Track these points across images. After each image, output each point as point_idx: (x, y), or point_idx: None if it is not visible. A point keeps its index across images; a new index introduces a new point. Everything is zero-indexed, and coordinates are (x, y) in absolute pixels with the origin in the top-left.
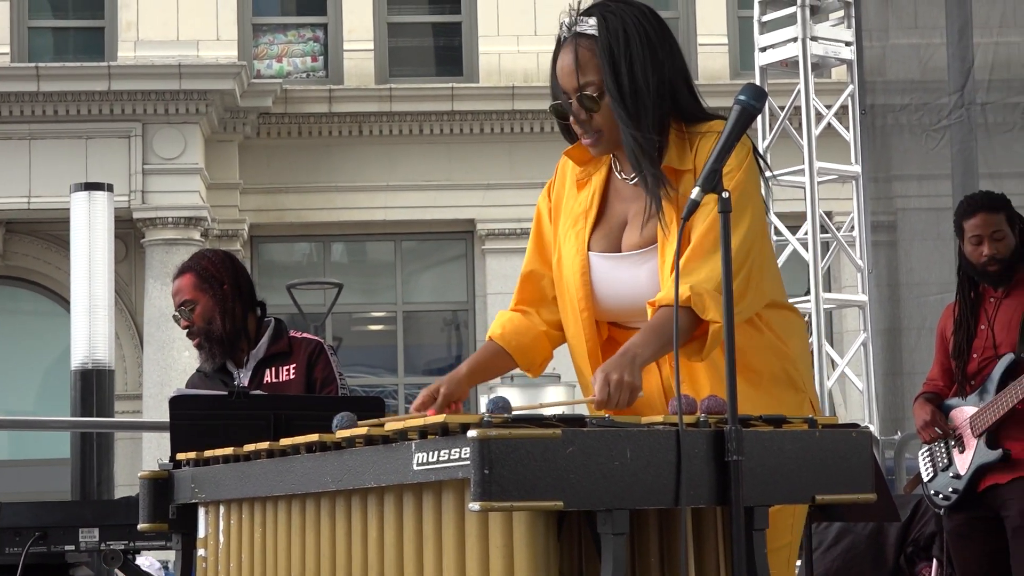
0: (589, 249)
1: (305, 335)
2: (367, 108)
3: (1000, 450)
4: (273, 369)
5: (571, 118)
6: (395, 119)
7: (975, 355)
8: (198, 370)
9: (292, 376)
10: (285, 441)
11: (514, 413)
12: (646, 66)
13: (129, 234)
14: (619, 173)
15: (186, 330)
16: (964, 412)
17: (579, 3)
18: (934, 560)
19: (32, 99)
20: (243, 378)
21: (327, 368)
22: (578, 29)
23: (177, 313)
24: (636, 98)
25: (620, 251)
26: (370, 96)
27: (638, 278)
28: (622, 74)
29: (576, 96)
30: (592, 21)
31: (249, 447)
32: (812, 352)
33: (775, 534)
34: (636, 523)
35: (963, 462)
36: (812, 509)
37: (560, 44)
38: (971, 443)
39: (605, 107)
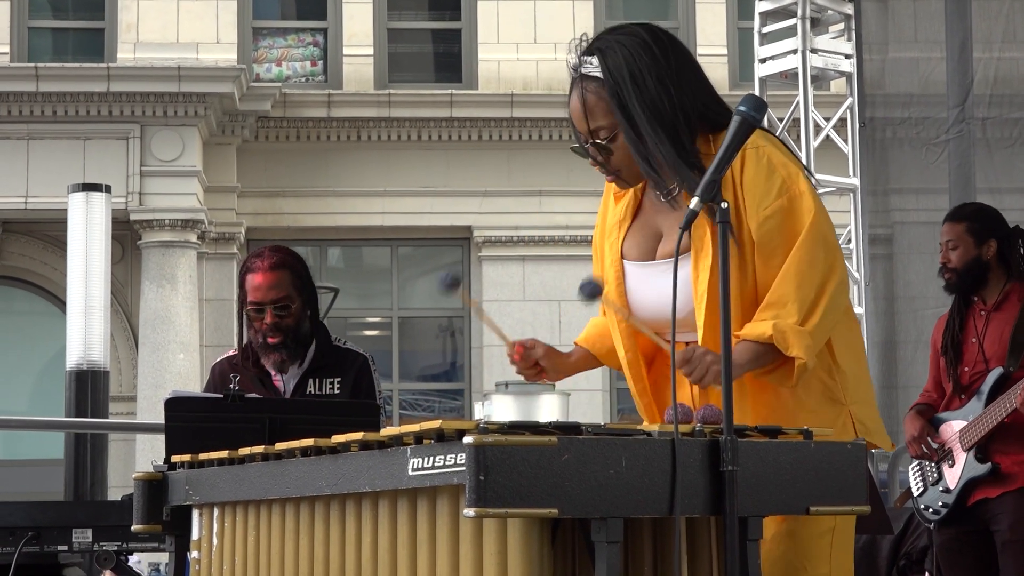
0: (623, 258)
1: (350, 346)
2: (366, 113)
3: (989, 464)
4: (318, 380)
5: (589, 159)
6: (393, 125)
7: (966, 368)
8: (230, 359)
9: (337, 390)
10: (280, 445)
11: (512, 420)
12: (656, 98)
13: (126, 236)
14: (653, 190)
15: (268, 328)
16: (953, 427)
17: (581, 40)
18: (927, 574)
19: (31, 99)
20: (288, 385)
21: (371, 385)
22: (584, 70)
23: (262, 306)
24: (654, 133)
25: (655, 259)
26: (369, 101)
27: (663, 287)
28: (634, 115)
29: (591, 143)
30: (595, 61)
31: (244, 450)
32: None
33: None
34: (630, 532)
35: (953, 476)
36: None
37: (572, 83)
38: (960, 457)
39: (621, 147)
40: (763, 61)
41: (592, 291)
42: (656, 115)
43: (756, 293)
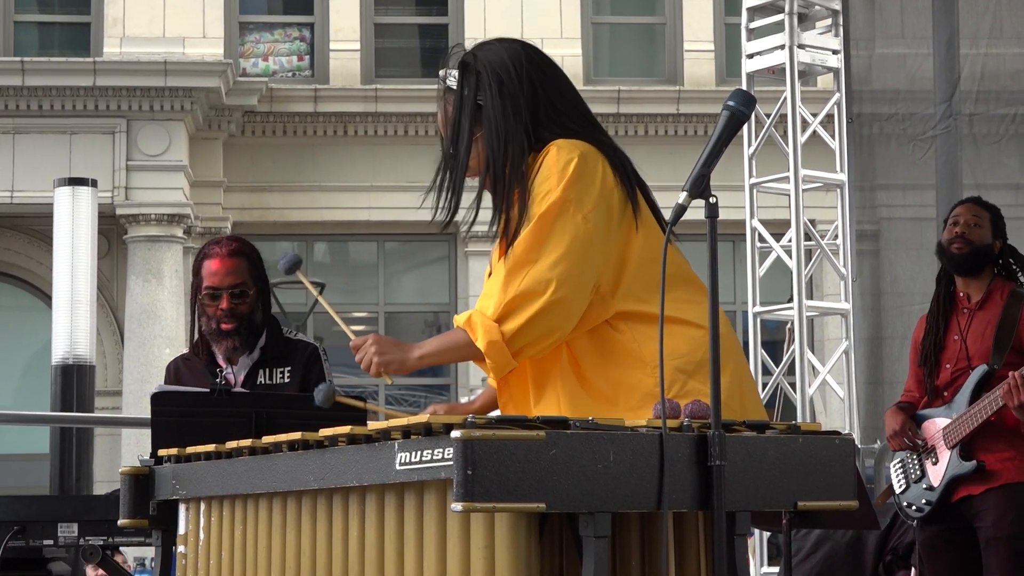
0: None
1: (301, 336)
2: (352, 108)
3: (974, 462)
4: (268, 370)
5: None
6: (380, 120)
7: (948, 366)
8: (184, 357)
9: (287, 380)
10: (268, 439)
11: (495, 415)
12: (494, 118)
13: (112, 230)
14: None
15: (224, 313)
16: (937, 424)
17: (453, 49)
18: (912, 569)
19: (17, 94)
20: (237, 376)
21: (321, 374)
22: (447, 83)
23: (218, 291)
24: (465, 151)
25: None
26: (355, 96)
27: None
28: (461, 132)
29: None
30: (455, 74)
31: (231, 444)
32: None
33: None
34: (618, 526)
35: (936, 474)
36: (792, 515)
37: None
38: (944, 455)
39: (473, 156)
40: (750, 57)
41: (289, 265)
42: (491, 137)
43: None
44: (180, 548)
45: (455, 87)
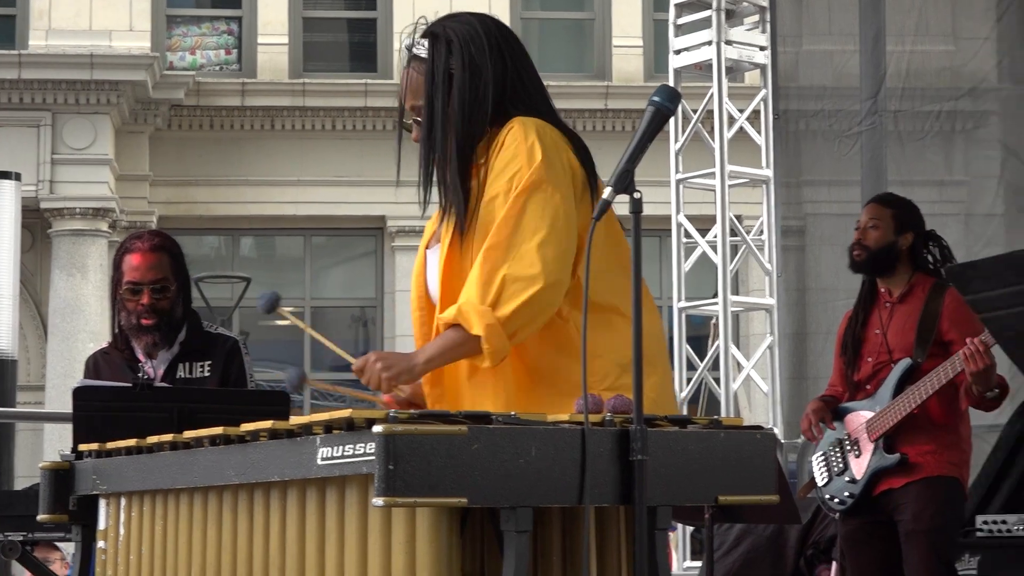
0: (428, 248)
1: (221, 331)
2: (280, 102)
3: (898, 455)
4: (187, 365)
5: (413, 135)
6: (308, 114)
7: (869, 359)
8: (103, 352)
9: (207, 374)
10: (189, 433)
11: (420, 412)
12: (464, 90)
13: (36, 224)
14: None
15: (144, 309)
16: (860, 416)
17: (418, 22)
18: (834, 563)
19: None
20: (157, 370)
21: (241, 368)
22: (414, 51)
23: (139, 286)
24: (444, 125)
25: (438, 244)
26: (283, 90)
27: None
28: (436, 103)
29: (413, 119)
30: (425, 43)
31: (152, 439)
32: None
33: None
34: (539, 521)
35: (859, 467)
36: (714, 510)
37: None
38: (867, 448)
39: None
40: (678, 53)
41: (268, 304)
42: (460, 108)
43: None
44: (100, 543)
45: (424, 56)
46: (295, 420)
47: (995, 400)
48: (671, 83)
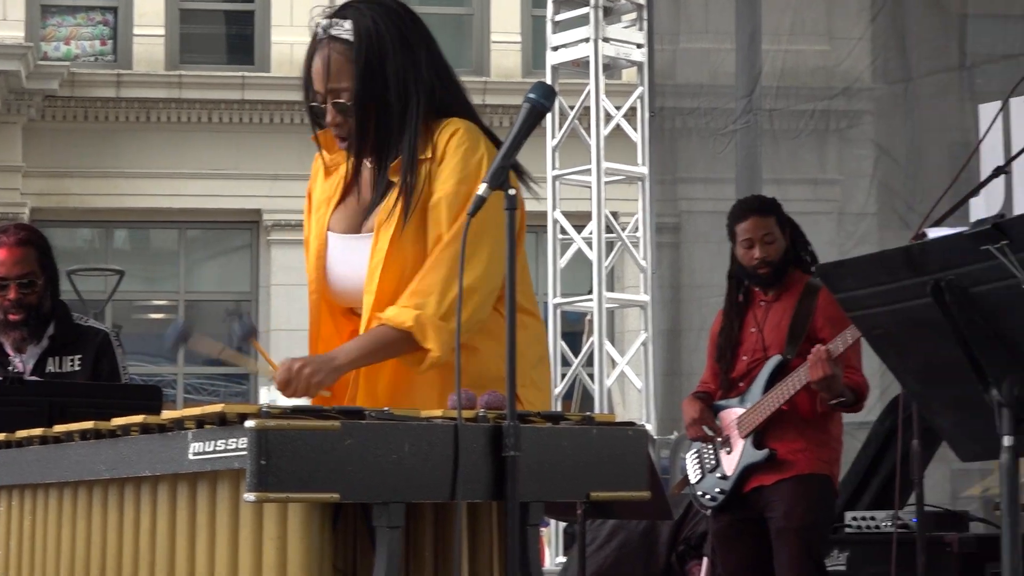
0: (329, 230)
1: (91, 323)
2: (156, 94)
3: (767, 450)
4: (57, 359)
5: (326, 119)
6: (184, 106)
7: (744, 357)
8: None
9: (77, 368)
10: (59, 427)
11: (294, 404)
12: (400, 71)
13: None
14: (368, 161)
15: (11, 304)
16: (733, 413)
17: (329, 4)
18: (705, 559)
19: None
20: (26, 365)
21: (113, 361)
22: (332, 32)
23: (6, 282)
24: (397, 102)
25: (360, 232)
26: (159, 82)
27: (366, 261)
28: (376, 83)
29: (331, 102)
30: (347, 25)
31: (22, 433)
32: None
33: None
34: (412, 517)
35: (730, 463)
36: (585, 505)
37: (314, 44)
38: (738, 444)
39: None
40: (555, 49)
41: (244, 334)
42: (401, 85)
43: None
44: None
45: (348, 37)
46: (167, 415)
47: (848, 407)
48: (548, 79)
